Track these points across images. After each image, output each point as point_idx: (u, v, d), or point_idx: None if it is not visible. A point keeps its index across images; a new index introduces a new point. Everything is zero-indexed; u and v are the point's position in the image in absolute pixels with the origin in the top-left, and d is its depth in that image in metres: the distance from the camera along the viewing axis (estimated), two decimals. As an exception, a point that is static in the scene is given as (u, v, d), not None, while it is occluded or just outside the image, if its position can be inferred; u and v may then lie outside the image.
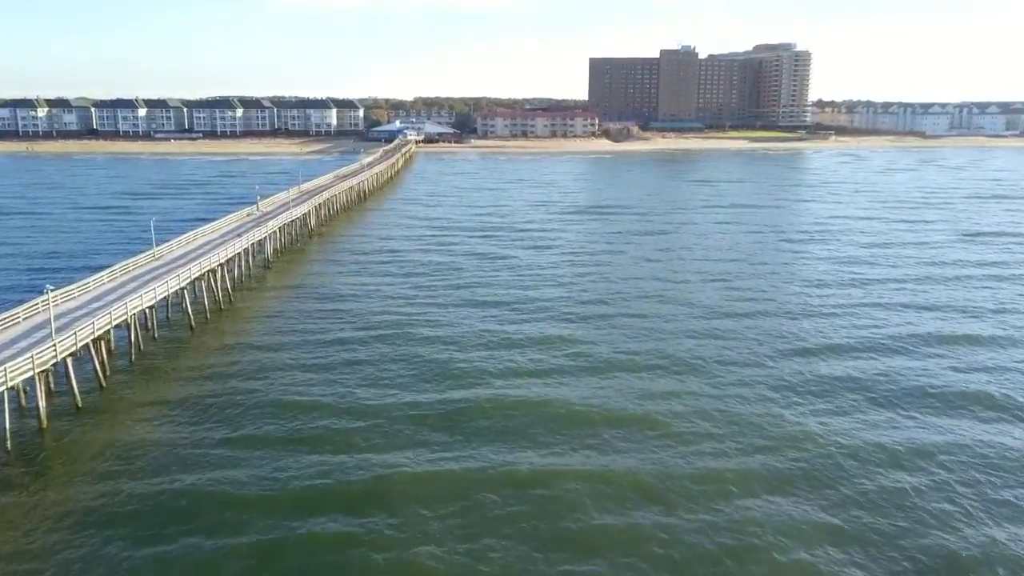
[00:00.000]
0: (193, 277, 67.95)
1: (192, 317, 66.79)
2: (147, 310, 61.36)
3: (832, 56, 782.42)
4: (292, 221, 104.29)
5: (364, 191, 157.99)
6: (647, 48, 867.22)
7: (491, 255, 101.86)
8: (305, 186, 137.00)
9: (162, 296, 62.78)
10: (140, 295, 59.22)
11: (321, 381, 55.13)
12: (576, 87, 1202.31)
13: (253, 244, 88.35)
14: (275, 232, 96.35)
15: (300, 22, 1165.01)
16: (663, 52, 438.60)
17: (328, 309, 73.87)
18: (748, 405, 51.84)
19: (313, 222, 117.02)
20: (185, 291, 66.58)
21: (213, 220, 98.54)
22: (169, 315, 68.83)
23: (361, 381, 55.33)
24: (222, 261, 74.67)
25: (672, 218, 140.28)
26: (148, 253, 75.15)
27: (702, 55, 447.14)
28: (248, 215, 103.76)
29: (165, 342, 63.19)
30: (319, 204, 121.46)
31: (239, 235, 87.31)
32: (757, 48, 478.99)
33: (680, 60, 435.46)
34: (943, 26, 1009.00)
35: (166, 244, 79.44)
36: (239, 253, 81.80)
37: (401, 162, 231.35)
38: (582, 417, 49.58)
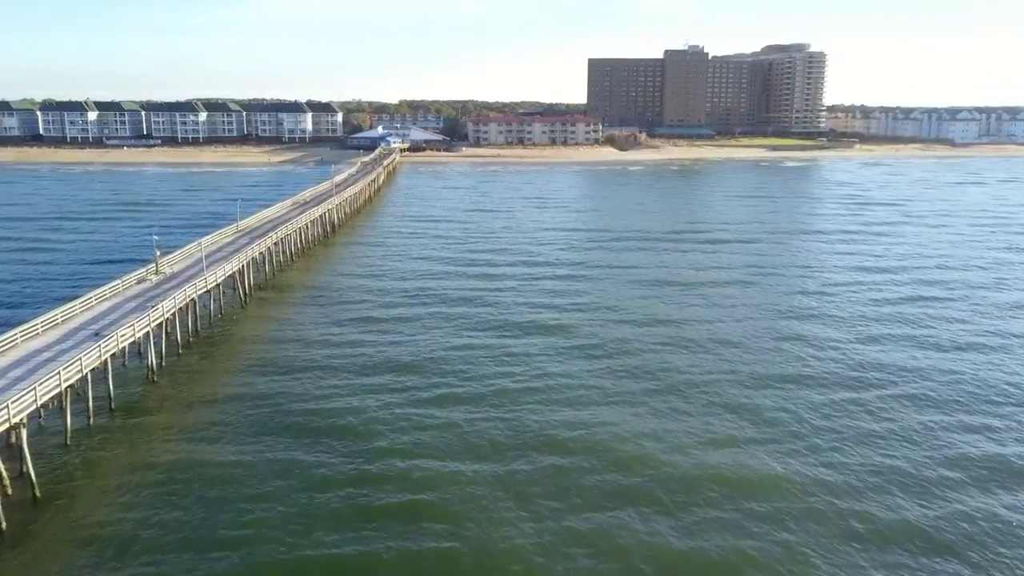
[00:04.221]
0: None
1: None
2: None
3: (833, 58, 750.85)
4: (208, 290, 66.59)
5: (334, 221, 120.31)
6: (639, 50, 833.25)
7: (542, 336, 64.71)
8: (246, 222, 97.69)
9: None
10: None
11: None
12: (570, 90, 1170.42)
13: (133, 343, 51.36)
14: (177, 312, 59.23)
15: (278, 23, 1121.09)
16: (668, 52, 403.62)
17: (247, 492, 36.88)
18: None
19: (252, 280, 79.02)
20: None
21: (107, 283, 61.54)
22: None
23: None
24: (27, 413, 37.29)
25: (752, 250, 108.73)
26: None
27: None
28: (140, 281, 65.76)
29: None
30: (260, 253, 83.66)
31: (98, 335, 50.03)
32: (766, 49, 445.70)
33: (687, 61, 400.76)
34: (951, 28, 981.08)
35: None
36: (84, 375, 44.55)
37: (383, 176, 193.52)
38: None
